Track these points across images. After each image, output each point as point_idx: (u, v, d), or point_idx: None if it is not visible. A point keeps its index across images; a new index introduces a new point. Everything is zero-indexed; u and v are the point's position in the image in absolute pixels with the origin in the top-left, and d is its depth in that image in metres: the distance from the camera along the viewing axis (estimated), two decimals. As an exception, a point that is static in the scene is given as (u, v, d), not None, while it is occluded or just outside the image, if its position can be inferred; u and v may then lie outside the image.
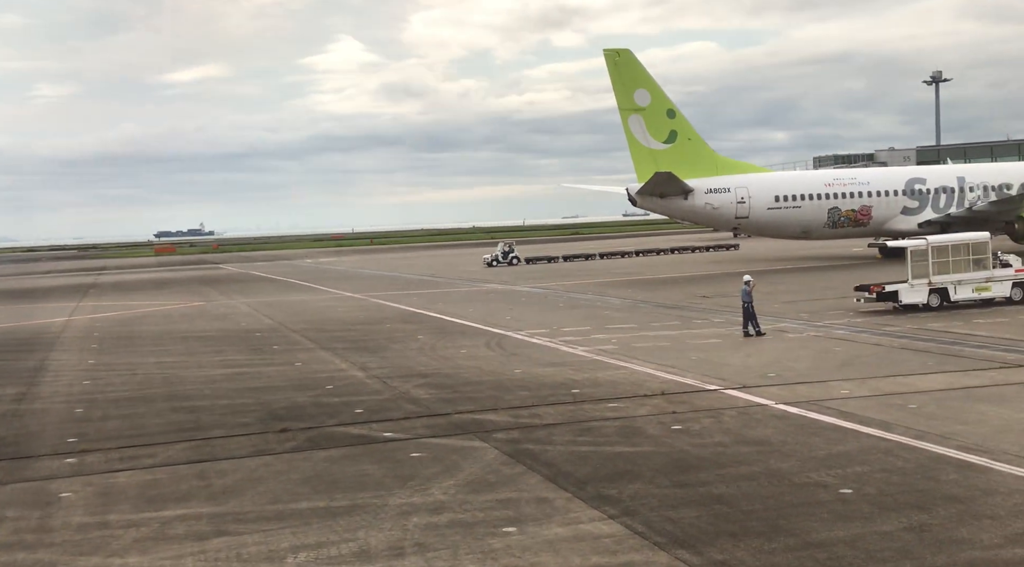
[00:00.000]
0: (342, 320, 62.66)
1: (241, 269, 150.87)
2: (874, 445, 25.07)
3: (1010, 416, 27.74)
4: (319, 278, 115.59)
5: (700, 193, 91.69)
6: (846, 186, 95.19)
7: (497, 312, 63.71)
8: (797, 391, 32.74)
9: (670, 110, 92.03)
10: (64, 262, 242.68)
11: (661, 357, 41.33)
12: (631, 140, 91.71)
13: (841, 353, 40.66)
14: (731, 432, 27.07)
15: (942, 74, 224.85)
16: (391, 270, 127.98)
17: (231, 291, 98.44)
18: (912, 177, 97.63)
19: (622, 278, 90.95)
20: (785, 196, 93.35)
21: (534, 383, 35.86)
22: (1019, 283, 55.18)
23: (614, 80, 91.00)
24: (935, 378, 34.13)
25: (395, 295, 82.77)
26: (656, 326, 52.40)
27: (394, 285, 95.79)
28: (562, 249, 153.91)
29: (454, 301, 73.15)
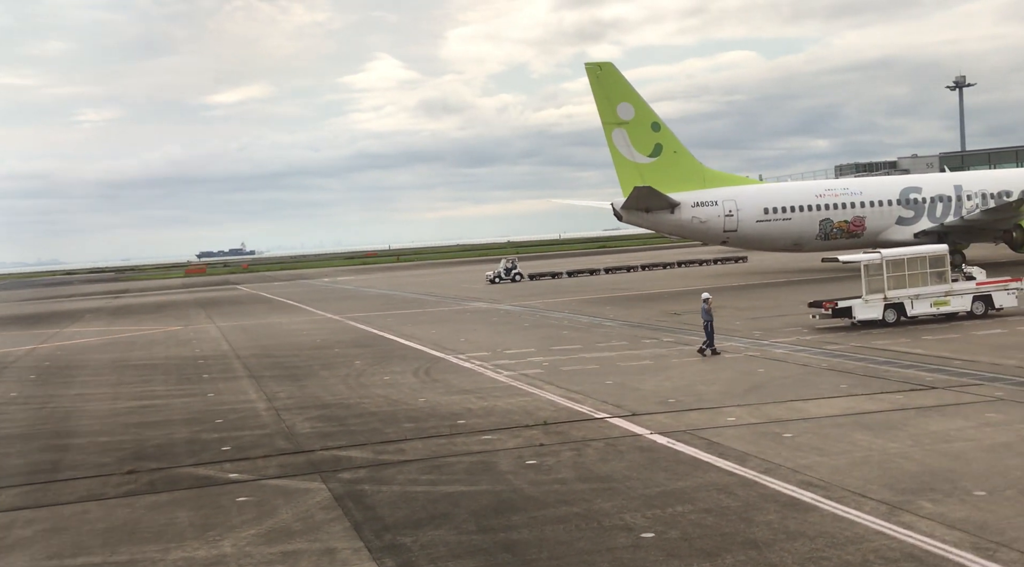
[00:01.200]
0: (297, 345, 61.97)
1: (253, 290, 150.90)
2: (714, 481, 23.93)
3: (879, 446, 26.73)
4: (319, 298, 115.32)
5: (687, 207, 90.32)
6: (838, 197, 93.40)
7: (457, 334, 63.12)
8: (684, 419, 31.63)
9: (654, 123, 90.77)
10: (93, 285, 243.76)
11: (578, 382, 40.53)
12: (615, 154, 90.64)
13: (761, 375, 39.75)
14: (582, 467, 26.02)
15: (965, 79, 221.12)
16: (395, 288, 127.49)
17: (219, 314, 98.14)
18: (907, 186, 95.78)
19: (610, 295, 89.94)
20: (774, 208, 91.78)
21: (426, 414, 35.00)
22: (981, 297, 53.49)
23: (596, 94, 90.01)
24: (836, 403, 32.94)
25: (374, 316, 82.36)
26: (601, 346, 51.31)
27: (384, 305, 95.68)
28: (571, 264, 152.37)
29: (426, 322, 72.35)
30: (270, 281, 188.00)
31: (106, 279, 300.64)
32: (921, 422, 29.28)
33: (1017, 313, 53.38)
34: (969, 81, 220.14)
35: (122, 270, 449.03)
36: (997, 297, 53.68)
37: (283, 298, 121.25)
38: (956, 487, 22.28)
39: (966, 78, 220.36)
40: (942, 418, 29.68)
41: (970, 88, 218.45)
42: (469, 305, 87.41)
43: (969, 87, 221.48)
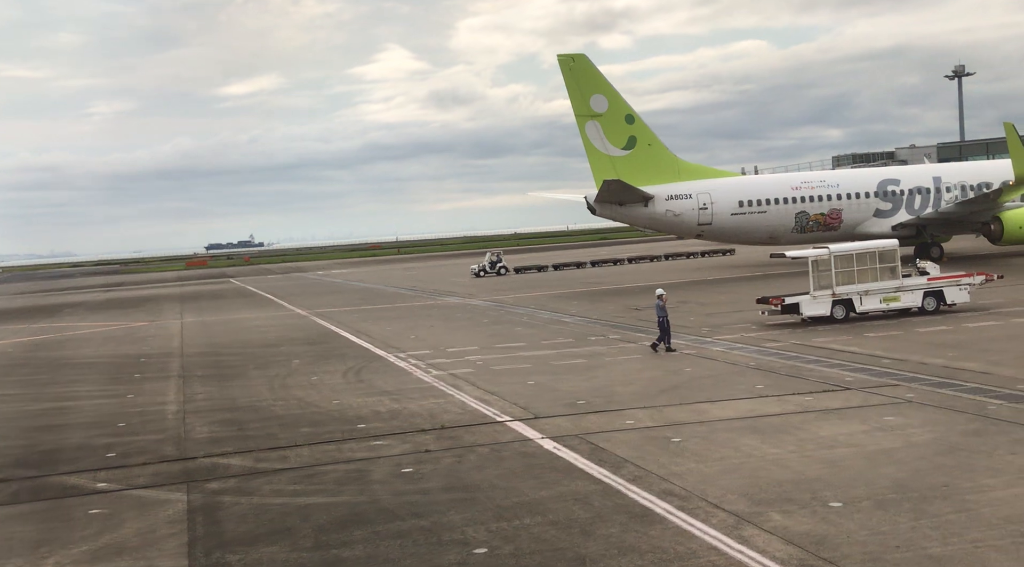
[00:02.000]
0: (248, 342, 61.50)
1: (243, 284, 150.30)
2: (578, 491, 23.29)
3: (760, 452, 26.11)
4: (300, 293, 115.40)
5: (661, 200, 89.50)
6: (814, 189, 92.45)
7: (411, 330, 62.69)
8: (583, 422, 31.09)
9: (628, 115, 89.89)
10: (93, 278, 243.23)
11: (501, 383, 39.99)
12: (588, 147, 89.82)
13: (685, 375, 39.23)
14: (454, 476, 25.39)
15: (965, 68, 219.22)
16: (382, 282, 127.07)
17: (194, 309, 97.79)
18: (885, 178, 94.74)
19: (586, 289, 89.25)
20: (749, 201, 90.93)
21: (331, 418, 34.47)
22: (932, 292, 52.57)
23: (569, 86, 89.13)
24: (742, 405, 32.35)
25: (342, 311, 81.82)
26: (545, 344, 50.74)
27: (360, 299, 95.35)
28: (562, 257, 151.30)
29: (388, 318, 72.18)
30: (265, 274, 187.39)
31: (108, 272, 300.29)
32: (815, 426, 28.53)
33: (969, 309, 52.20)
34: (969, 70, 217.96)
35: (127, 262, 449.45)
36: (949, 293, 52.79)
37: (266, 292, 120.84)
38: (815, 497, 21.52)
39: (965, 67, 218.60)
40: (839, 422, 28.88)
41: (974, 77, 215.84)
42: (442, 300, 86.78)
43: (969, 76, 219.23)
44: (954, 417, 28.79)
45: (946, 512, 20.12)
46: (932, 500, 20.96)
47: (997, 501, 20.65)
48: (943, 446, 25.45)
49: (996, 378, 34.04)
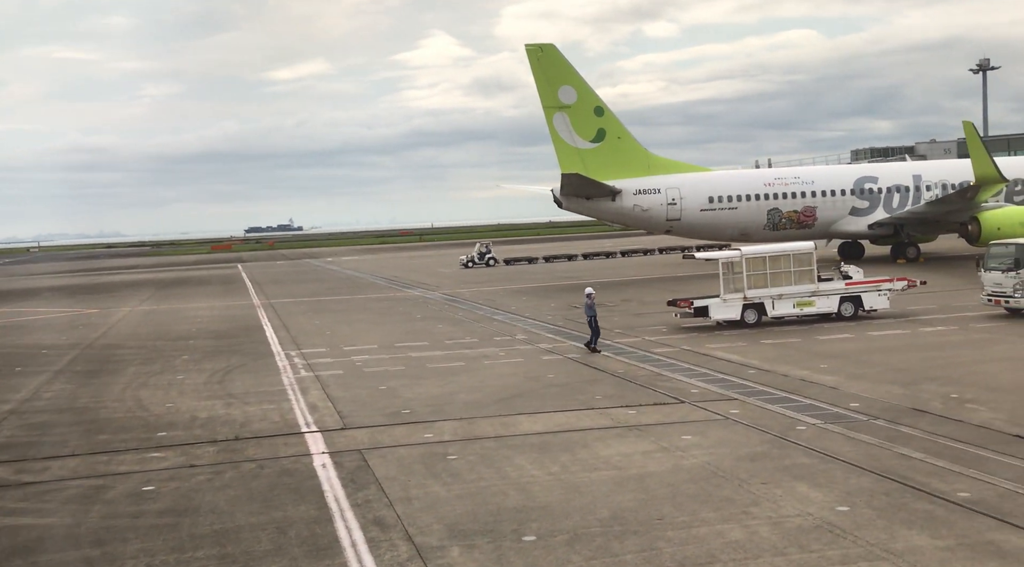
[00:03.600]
0: (164, 334, 60.94)
1: (242, 270, 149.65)
2: (293, 517, 22.45)
3: (518, 474, 24.98)
4: (280, 281, 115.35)
5: (628, 194, 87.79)
6: (788, 186, 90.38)
7: (332, 325, 62.23)
8: (383, 435, 30.33)
9: (598, 107, 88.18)
10: (117, 260, 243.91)
11: (351, 387, 39.15)
12: (556, 139, 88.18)
13: (543, 382, 38.18)
14: (186, 497, 24.23)
15: (989, 62, 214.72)
16: (371, 271, 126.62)
17: (158, 297, 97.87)
18: (862, 176, 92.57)
19: (553, 283, 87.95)
20: (720, 197, 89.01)
21: (142, 424, 33.41)
22: (850, 298, 50.68)
23: (537, 77, 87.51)
24: (561, 417, 31.65)
25: (294, 303, 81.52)
26: (448, 344, 49.77)
27: (328, 290, 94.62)
28: (555, 249, 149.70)
29: (328, 311, 72.23)
30: (276, 260, 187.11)
31: (138, 254, 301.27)
32: (605, 444, 27.24)
33: (888, 315, 50.35)
34: (993, 64, 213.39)
35: (160, 244, 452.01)
36: (867, 298, 50.98)
37: (250, 280, 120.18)
38: (518, 529, 20.28)
39: (990, 61, 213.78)
40: (634, 440, 27.59)
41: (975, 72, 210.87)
42: (404, 292, 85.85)
43: (994, 70, 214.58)
44: (752, 438, 27.33)
45: (626, 552, 18.83)
46: (628, 536, 19.61)
47: (692, 539, 19.29)
48: (705, 472, 23.99)
49: (840, 394, 32.55)
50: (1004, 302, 48.19)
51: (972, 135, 76.35)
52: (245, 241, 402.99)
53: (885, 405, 30.69)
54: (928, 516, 20.08)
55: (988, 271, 49.04)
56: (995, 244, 50.47)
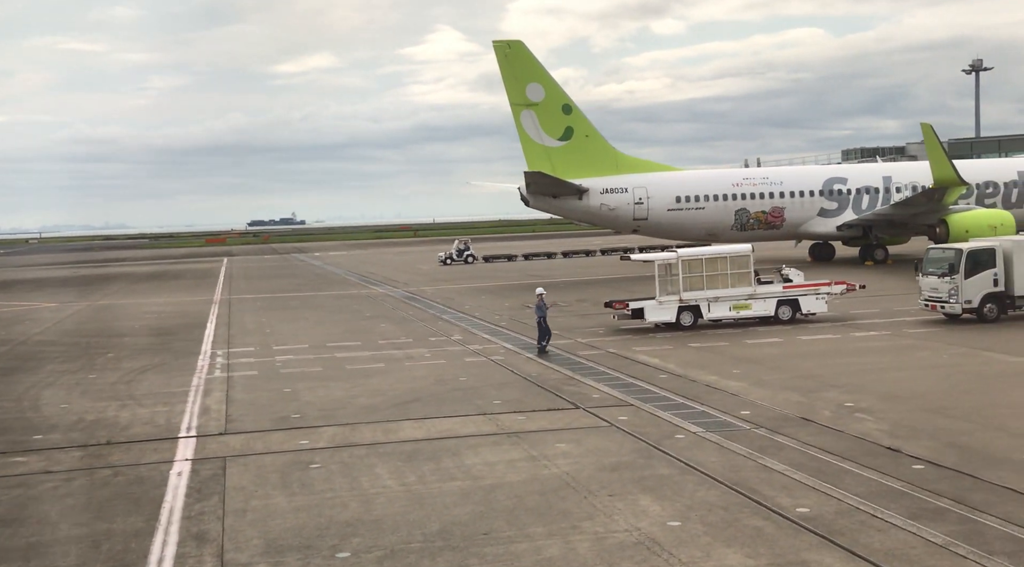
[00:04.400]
0: (105, 331, 60.50)
1: (222, 264, 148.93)
2: (116, 530, 21.80)
3: (370, 484, 24.51)
4: (251, 276, 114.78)
5: (595, 193, 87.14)
6: (756, 186, 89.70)
7: (278, 323, 61.77)
8: (259, 441, 29.95)
9: (566, 105, 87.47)
10: (109, 252, 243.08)
11: (256, 389, 38.70)
12: (523, 137, 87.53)
13: (452, 385, 37.71)
14: (19, 507, 23.49)
15: (983, 63, 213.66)
16: (348, 267, 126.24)
17: (126, 291, 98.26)
18: (831, 177, 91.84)
19: (519, 282, 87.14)
20: (687, 197, 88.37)
21: (27, 426, 32.36)
22: (787, 301, 50.09)
23: (504, 74, 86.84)
24: (447, 423, 31.22)
25: (253, 299, 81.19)
26: (383, 344, 49.73)
27: (294, 287, 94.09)
28: (537, 246, 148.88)
29: (281, 308, 72.04)
30: (262, 254, 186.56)
31: (134, 246, 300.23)
32: (474, 453, 26.84)
33: (827, 319, 49.80)
34: (1002, 63, 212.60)
35: (158, 237, 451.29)
36: (805, 302, 50.43)
37: (227, 274, 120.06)
38: (338, 544, 19.83)
39: (983, 62, 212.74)
40: (506, 448, 27.29)
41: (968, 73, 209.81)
42: (368, 289, 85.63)
43: (986, 71, 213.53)
44: (625, 446, 26.94)
45: (432, 570, 18.10)
46: (444, 552, 19.23)
47: (506, 556, 18.97)
48: (559, 483, 23.56)
49: (738, 401, 32.24)
50: (940, 307, 47.53)
51: (930, 137, 75.74)
52: (242, 235, 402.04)
53: (775, 414, 30.15)
54: (755, 533, 19.58)
55: (925, 276, 48.45)
56: (932, 248, 49.95)
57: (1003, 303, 46.94)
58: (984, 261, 46.56)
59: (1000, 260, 46.46)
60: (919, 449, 25.29)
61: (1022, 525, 19.40)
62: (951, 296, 46.72)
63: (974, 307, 46.61)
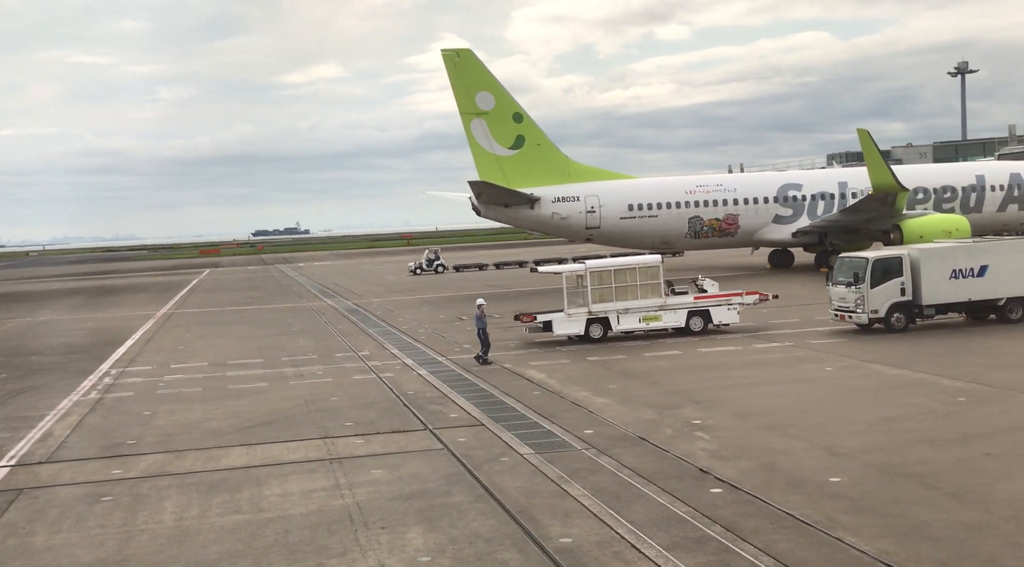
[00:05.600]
0: (24, 350, 58.92)
1: (200, 277, 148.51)
2: None
3: (120, 522, 23.62)
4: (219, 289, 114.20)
5: (547, 202, 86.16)
6: (709, 193, 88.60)
7: (194, 340, 60.88)
8: (70, 471, 28.75)
9: (516, 114, 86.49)
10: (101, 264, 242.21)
11: (119, 412, 37.85)
12: (474, 146, 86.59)
13: (321, 405, 36.84)
14: None
15: (968, 65, 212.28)
16: (321, 278, 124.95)
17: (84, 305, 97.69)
18: (786, 183, 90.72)
19: (471, 292, 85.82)
20: (640, 205, 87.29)
21: None
22: (699, 312, 48.98)
23: (454, 82, 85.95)
24: (280, 449, 30.39)
25: (205, 313, 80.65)
26: (285, 361, 48.93)
27: (249, 299, 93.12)
28: (509, 255, 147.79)
29: (217, 322, 71.42)
30: (247, 265, 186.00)
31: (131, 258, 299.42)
32: (280, 482, 26.17)
33: (739, 330, 48.84)
34: (972, 67, 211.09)
35: (157, 248, 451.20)
36: (716, 313, 49.36)
37: (192, 287, 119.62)
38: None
39: (968, 64, 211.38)
40: (318, 476, 26.60)
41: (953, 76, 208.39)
42: (321, 301, 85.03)
43: (972, 73, 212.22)
44: (440, 471, 26.43)
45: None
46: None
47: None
48: (340, 515, 22.86)
49: (590, 419, 31.69)
50: (848, 317, 46.44)
51: (867, 143, 74.65)
52: (240, 245, 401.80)
53: (617, 433, 29.23)
54: None
55: (835, 285, 47.33)
56: (842, 257, 48.81)
57: (911, 313, 45.64)
58: (891, 270, 45.47)
59: (907, 269, 45.33)
60: (730, 471, 24.23)
61: (775, 556, 18.28)
62: (858, 306, 45.54)
63: (881, 317, 45.31)
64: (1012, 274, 45.36)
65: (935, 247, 47.35)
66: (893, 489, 22.13)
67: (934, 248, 46.88)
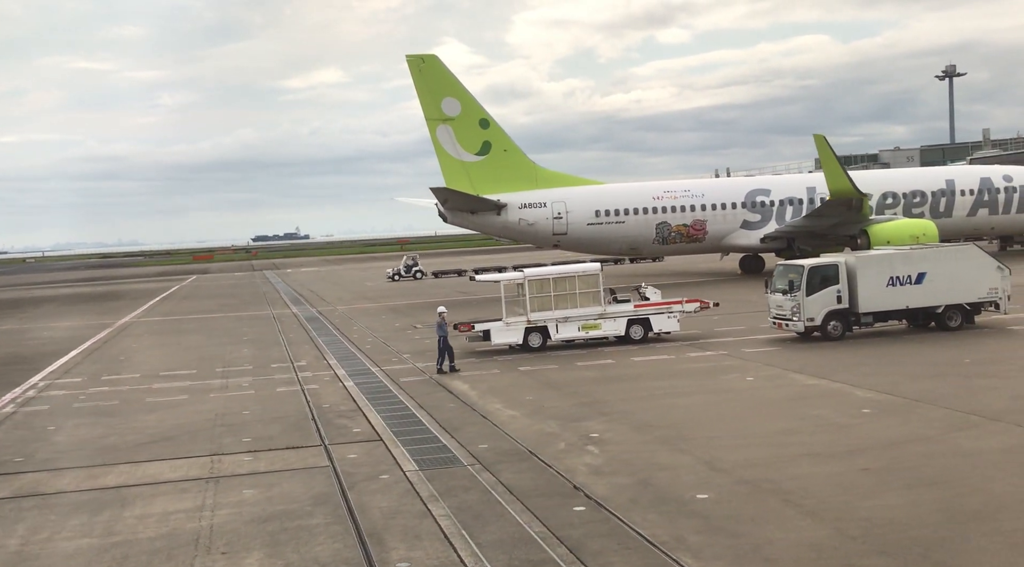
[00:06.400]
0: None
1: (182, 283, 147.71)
2: None
3: None
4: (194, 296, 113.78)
5: (514, 208, 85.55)
6: (677, 199, 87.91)
7: (137, 352, 60.35)
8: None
9: (483, 120, 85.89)
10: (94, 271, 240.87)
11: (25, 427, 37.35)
12: (440, 152, 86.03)
13: (222, 420, 36.00)
14: None
15: (955, 68, 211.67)
16: (299, 285, 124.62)
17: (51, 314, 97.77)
18: (754, 189, 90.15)
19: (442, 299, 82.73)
20: (607, 211, 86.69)
21: None
22: (639, 320, 48.23)
23: (419, 88, 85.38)
24: (158, 468, 29.44)
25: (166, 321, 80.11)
26: (220, 372, 48.26)
27: (223, 307, 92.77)
28: (489, 261, 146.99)
29: (184, 331, 71.11)
30: (236, 271, 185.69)
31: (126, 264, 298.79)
32: (147, 503, 25.53)
33: (680, 338, 48.18)
34: (972, 70, 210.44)
35: (153, 254, 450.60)
36: (656, 321, 48.58)
37: (168, 294, 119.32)
38: None
39: (956, 67, 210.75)
40: (188, 497, 25.86)
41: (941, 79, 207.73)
42: (287, 310, 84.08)
43: (960, 77, 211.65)
44: (312, 491, 25.65)
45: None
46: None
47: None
48: (189, 539, 22.21)
49: (490, 433, 31.07)
50: (785, 325, 45.69)
51: (824, 149, 74.02)
52: (236, 251, 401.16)
53: (511, 448, 28.65)
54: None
55: (772, 293, 46.59)
56: (780, 264, 48.06)
57: (848, 320, 44.88)
58: (827, 278, 44.75)
59: (843, 277, 44.58)
60: (603, 488, 23.61)
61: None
62: (794, 314, 44.79)
63: (817, 325, 44.54)
64: (950, 281, 44.57)
65: (872, 254, 46.65)
66: (755, 506, 21.40)
67: (871, 255, 46.20)
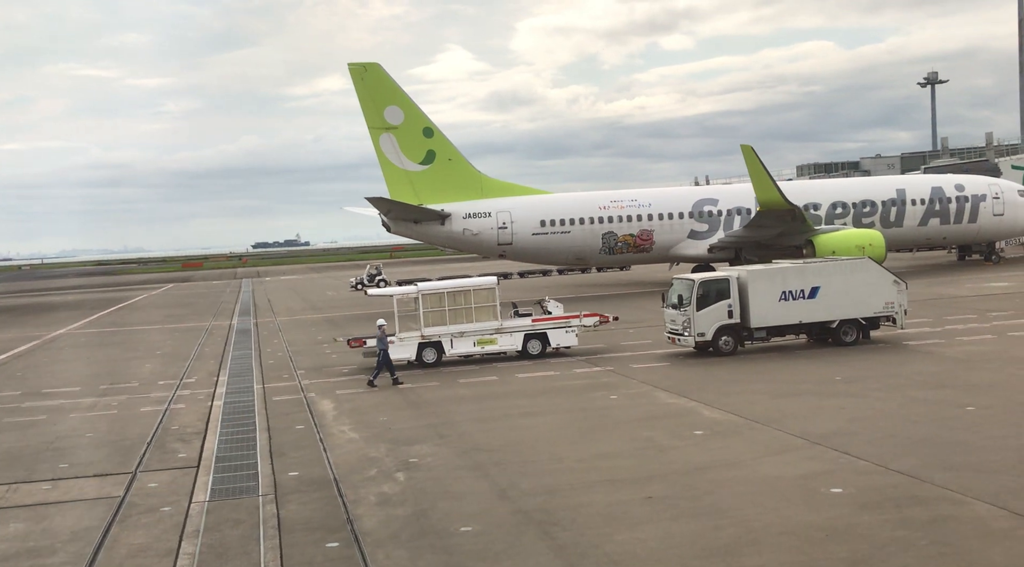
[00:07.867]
0: None
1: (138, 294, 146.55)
2: None
3: None
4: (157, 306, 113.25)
5: (458, 218, 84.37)
6: (623, 209, 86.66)
7: (69, 362, 60.13)
8: None
9: (427, 128, 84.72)
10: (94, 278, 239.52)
11: None
12: (383, 161, 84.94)
13: (52, 446, 34.75)
14: None
15: (937, 75, 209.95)
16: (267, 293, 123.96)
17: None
18: (701, 198, 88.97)
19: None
20: (552, 220, 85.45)
21: None
22: (536, 335, 46.97)
23: (361, 97, 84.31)
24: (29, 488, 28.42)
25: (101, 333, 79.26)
26: (103, 389, 46.94)
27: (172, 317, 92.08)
28: (460, 269, 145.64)
29: (110, 344, 70.05)
30: (220, 279, 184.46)
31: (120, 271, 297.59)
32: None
33: (577, 353, 46.91)
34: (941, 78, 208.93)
35: (147, 261, 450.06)
36: (553, 335, 47.39)
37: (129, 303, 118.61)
38: None
39: (938, 74, 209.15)
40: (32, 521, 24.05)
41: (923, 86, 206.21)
42: (228, 322, 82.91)
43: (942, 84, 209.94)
44: (83, 524, 24.73)
45: None
46: None
47: None
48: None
49: (317, 458, 29.68)
50: (677, 340, 44.41)
51: (752, 159, 72.77)
52: (229, 258, 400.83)
53: (319, 476, 27.58)
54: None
55: (667, 307, 45.32)
56: (675, 278, 46.77)
57: (739, 335, 43.58)
58: (718, 292, 43.43)
59: (735, 291, 43.32)
60: (376, 520, 22.86)
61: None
62: (685, 329, 43.49)
63: (708, 340, 43.25)
64: (844, 296, 43.36)
65: (763, 269, 45.39)
66: (510, 540, 20.40)
67: (762, 270, 44.94)
